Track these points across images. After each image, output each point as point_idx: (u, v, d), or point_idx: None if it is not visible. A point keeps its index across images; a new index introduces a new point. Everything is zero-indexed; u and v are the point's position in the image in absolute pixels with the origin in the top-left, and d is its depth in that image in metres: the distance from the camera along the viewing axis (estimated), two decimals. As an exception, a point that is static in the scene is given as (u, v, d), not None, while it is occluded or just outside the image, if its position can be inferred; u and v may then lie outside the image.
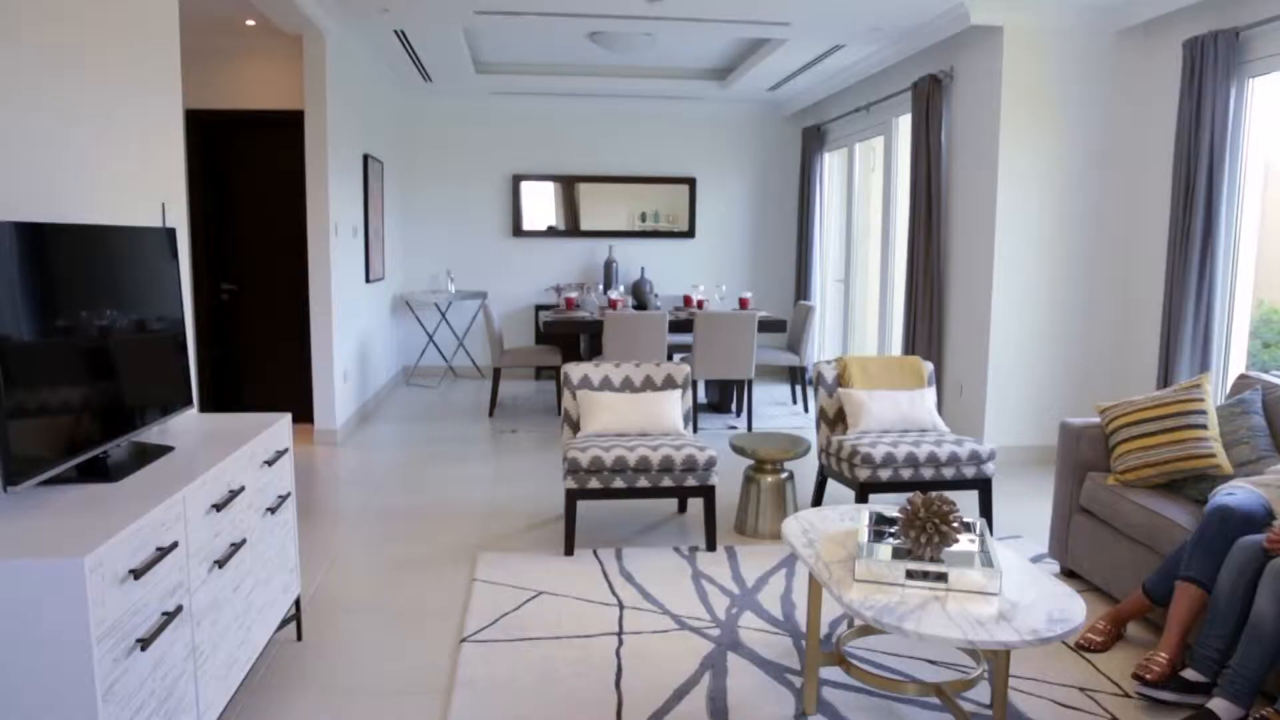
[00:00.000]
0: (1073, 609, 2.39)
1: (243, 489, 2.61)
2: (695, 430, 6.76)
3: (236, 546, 2.55)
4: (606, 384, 4.56)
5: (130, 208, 3.14)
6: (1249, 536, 2.88)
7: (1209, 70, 4.75)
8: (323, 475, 5.51)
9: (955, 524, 2.60)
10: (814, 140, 8.77)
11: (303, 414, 6.50)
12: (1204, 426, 3.54)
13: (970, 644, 2.23)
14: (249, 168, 6.66)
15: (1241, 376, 3.87)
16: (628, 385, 4.57)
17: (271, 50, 6.44)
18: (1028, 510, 4.84)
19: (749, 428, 6.82)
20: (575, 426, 4.49)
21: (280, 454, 3.01)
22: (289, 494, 3.10)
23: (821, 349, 9.10)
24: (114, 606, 1.87)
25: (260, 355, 6.79)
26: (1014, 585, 2.55)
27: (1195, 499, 3.49)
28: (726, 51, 7.73)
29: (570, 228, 9.37)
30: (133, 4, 3.16)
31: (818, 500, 4.75)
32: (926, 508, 2.61)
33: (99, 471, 2.32)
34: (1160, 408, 3.63)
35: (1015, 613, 2.36)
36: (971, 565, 2.54)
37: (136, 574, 1.94)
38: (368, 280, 7.41)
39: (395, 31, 6.49)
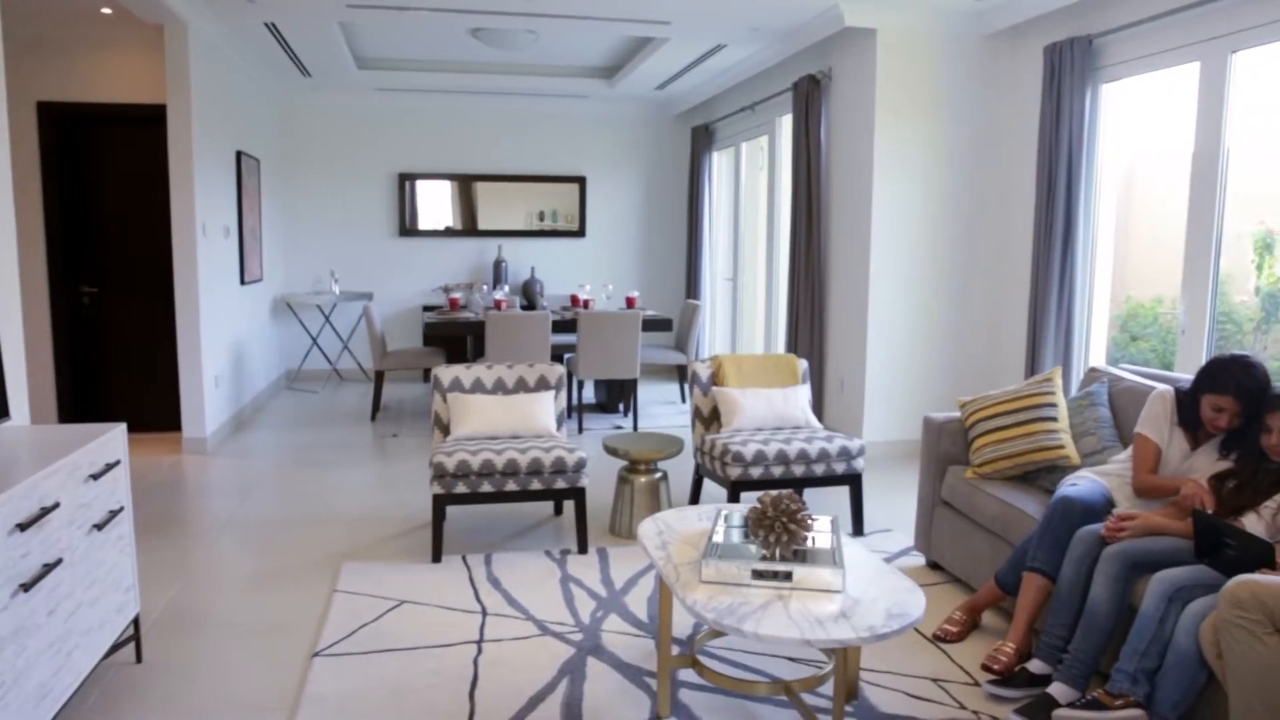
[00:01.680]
0: (911, 604, 2.41)
1: (57, 505, 2.45)
2: (581, 431, 6.70)
3: (50, 567, 2.39)
4: (478, 386, 4.47)
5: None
6: (1089, 526, 2.97)
7: (1066, 75, 4.91)
8: (188, 486, 5.27)
9: (804, 522, 2.60)
10: (702, 139, 8.81)
11: (175, 422, 6.24)
12: (1054, 419, 3.64)
13: (808, 643, 2.23)
14: (110, 164, 6.34)
15: (1091, 370, 4.00)
16: (500, 387, 4.49)
17: (132, 41, 6.14)
18: (900, 504, 4.93)
19: (635, 427, 6.80)
20: (445, 430, 4.39)
21: (111, 466, 2.84)
22: (122, 509, 2.93)
23: (711, 347, 9.15)
24: (-119, 639, 1.72)
25: (127, 361, 6.47)
26: (859, 582, 2.56)
27: (1047, 490, 3.59)
28: (612, 49, 7.70)
29: (467, 227, 9.22)
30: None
31: (694, 499, 4.74)
32: (775, 506, 2.61)
33: (-114, 491, 2.14)
34: (1014, 401, 3.73)
35: (856, 610, 2.37)
36: (820, 563, 2.55)
37: (-89, 602, 1.80)
38: (243, 282, 7.14)
39: (265, 24, 6.26)
